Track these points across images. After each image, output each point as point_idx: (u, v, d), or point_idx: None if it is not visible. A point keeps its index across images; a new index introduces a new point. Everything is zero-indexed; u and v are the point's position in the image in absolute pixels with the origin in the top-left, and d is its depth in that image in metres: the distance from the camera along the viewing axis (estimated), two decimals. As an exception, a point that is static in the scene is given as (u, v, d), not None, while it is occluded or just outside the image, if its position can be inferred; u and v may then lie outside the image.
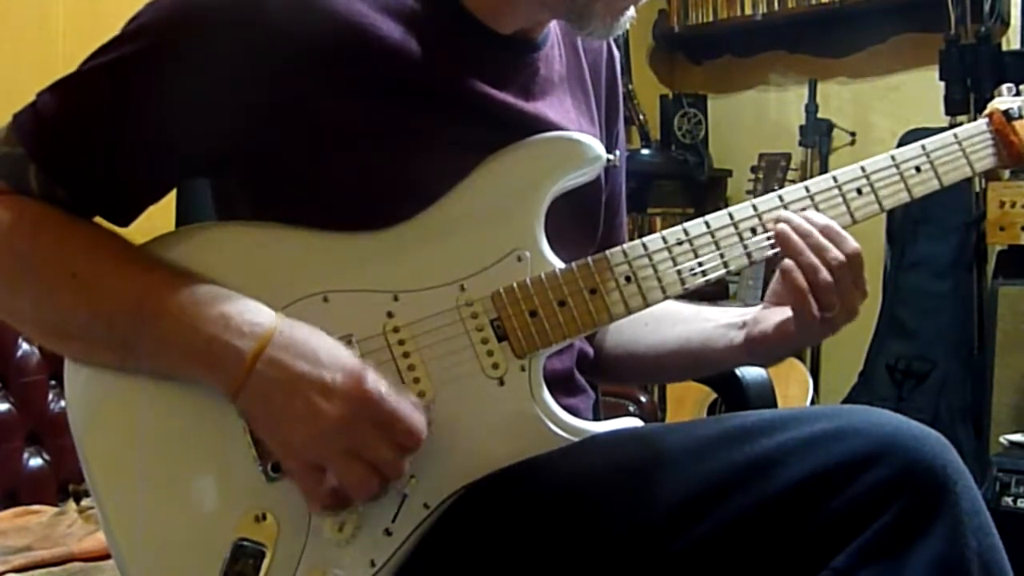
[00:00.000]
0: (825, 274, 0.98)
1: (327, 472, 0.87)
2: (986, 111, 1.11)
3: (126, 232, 0.96)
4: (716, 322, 1.12)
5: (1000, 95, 1.12)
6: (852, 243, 1.00)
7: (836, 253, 0.98)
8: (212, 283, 0.90)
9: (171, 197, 1.10)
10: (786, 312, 1.03)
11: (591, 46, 1.15)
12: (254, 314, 0.88)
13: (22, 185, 0.92)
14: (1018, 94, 1.12)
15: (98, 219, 0.95)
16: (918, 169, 1.05)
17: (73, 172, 0.92)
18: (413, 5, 0.97)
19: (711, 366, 1.16)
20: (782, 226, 1.00)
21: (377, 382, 0.86)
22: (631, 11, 1.00)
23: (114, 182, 0.93)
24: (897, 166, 1.05)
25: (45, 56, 2.20)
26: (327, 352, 0.87)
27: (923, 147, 1.06)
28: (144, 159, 0.93)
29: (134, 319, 0.89)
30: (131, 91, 0.91)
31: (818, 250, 0.98)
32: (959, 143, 1.07)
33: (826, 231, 0.99)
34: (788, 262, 1.00)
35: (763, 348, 1.07)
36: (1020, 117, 1.09)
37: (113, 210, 0.95)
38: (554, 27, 1.09)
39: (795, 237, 0.99)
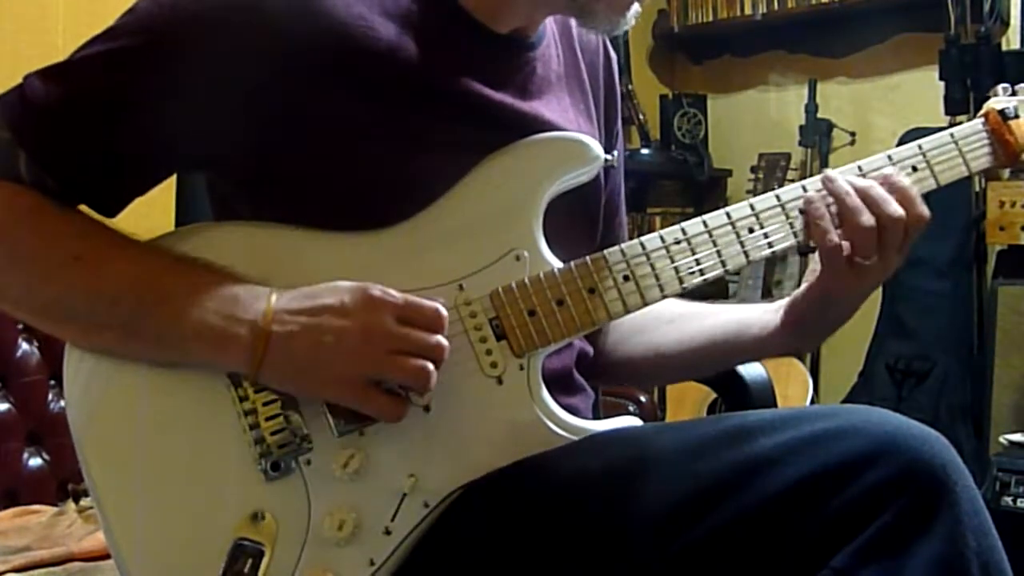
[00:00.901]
0: (867, 217, 0.98)
1: (382, 384, 0.89)
2: (982, 111, 1.11)
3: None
4: (749, 311, 1.13)
5: (996, 95, 1.12)
6: (923, 209, 1.00)
7: (896, 208, 0.98)
8: (211, 265, 0.91)
9: (171, 196, 1.10)
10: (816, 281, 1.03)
11: (588, 46, 1.15)
12: (253, 289, 0.90)
13: (11, 171, 0.92)
14: (1014, 94, 1.12)
15: (84, 208, 0.95)
16: (914, 168, 1.05)
17: (62, 162, 0.92)
18: (410, 5, 0.97)
19: (745, 353, 1.16)
20: (828, 171, 1.01)
21: (380, 287, 0.89)
22: (636, 7, 1.00)
23: (102, 174, 0.94)
24: (893, 165, 1.05)
25: (45, 54, 2.19)
26: (324, 288, 0.90)
27: (919, 147, 1.06)
28: (134, 153, 0.94)
29: (142, 298, 0.90)
30: (125, 87, 0.92)
31: (873, 201, 0.98)
32: (955, 143, 1.07)
33: (902, 192, 0.99)
34: (811, 194, 1.00)
35: (801, 321, 1.07)
36: (1016, 117, 1.08)
37: (101, 201, 0.95)
38: (550, 25, 1.09)
39: (842, 184, 0.99)
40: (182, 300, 0.89)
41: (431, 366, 0.88)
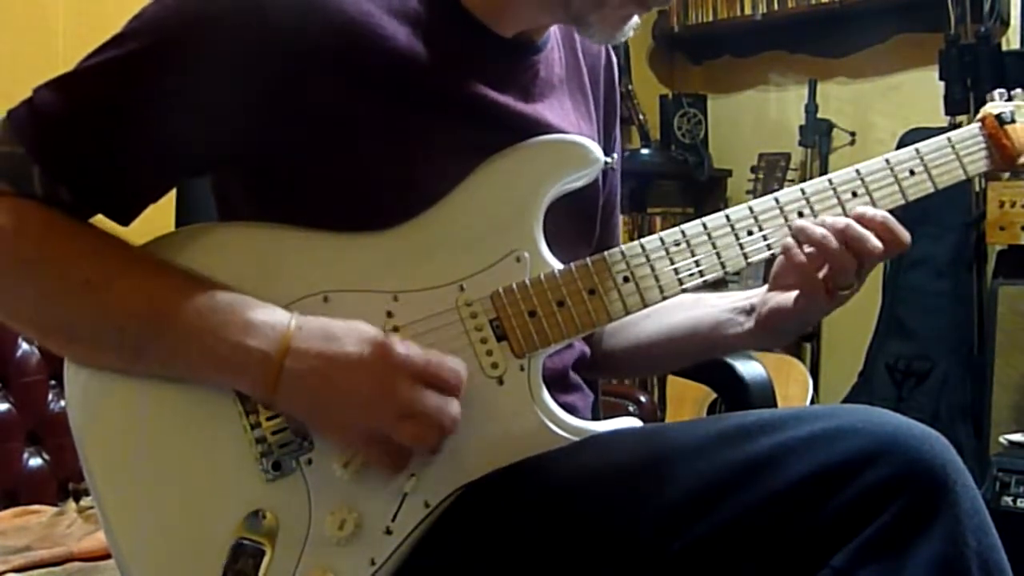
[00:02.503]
0: (850, 258, 0.99)
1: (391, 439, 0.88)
2: (979, 115, 1.12)
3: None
4: (722, 307, 1.13)
5: (992, 100, 1.13)
6: (904, 236, 1.01)
7: (875, 243, 0.99)
8: (223, 287, 0.91)
9: (171, 197, 1.10)
10: (795, 292, 1.04)
11: (590, 50, 1.15)
12: (270, 314, 0.89)
13: (24, 186, 0.91)
14: (1010, 99, 1.13)
15: (99, 218, 0.95)
16: (912, 172, 1.06)
17: (77, 173, 0.92)
18: (416, 6, 0.97)
19: (720, 350, 1.17)
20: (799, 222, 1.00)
21: (402, 343, 0.88)
22: (634, 19, 1.00)
23: (117, 182, 0.93)
24: (891, 169, 1.05)
25: (45, 56, 2.20)
26: (345, 331, 0.89)
27: (917, 150, 1.07)
28: (147, 159, 0.93)
29: (148, 325, 0.89)
30: (134, 90, 0.91)
31: (852, 239, 0.98)
32: (952, 147, 1.08)
33: (882, 225, 1.00)
34: (788, 241, 1.00)
35: (774, 330, 1.08)
36: (1012, 121, 1.10)
37: (116, 209, 0.95)
38: (554, 30, 1.09)
39: (817, 230, 0.99)
40: (191, 326, 0.88)
41: (435, 435, 0.88)
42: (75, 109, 0.91)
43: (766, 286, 1.10)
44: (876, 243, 0.99)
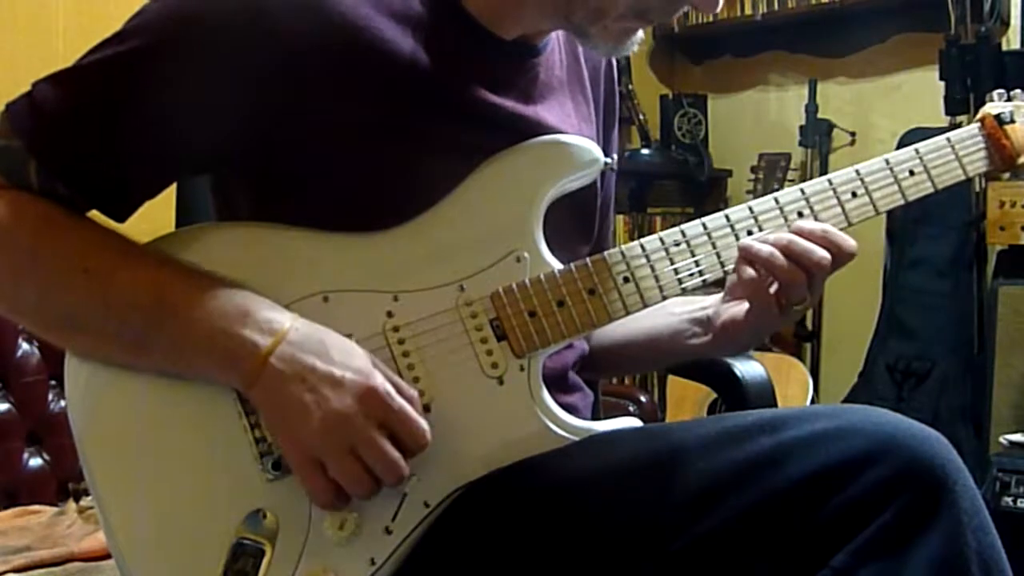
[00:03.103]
0: (798, 272, 0.97)
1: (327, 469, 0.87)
2: (978, 116, 1.12)
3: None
4: (680, 316, 1.13)
5: (992, 100, 1.13)
6: (850, 244, 0.99)
7: (823, 254, 0.98)
8: (226, 280, 0.91)
9: (171, 197, 1.10)
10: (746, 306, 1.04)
11: (591, 52, 1.15)
12: (271, 311, 0.89)
13: (21, 180, 0.92)
14: (1009, 99, 1.13)
15: (95, 214, 0.95)
16: (911, 172, 1.06)
17: (74, 168, 0.92)
18: (417, 9, 0.97)
19: (681, 357, 1.17)
20: (746, 242, 0.99)
21: (386, 383, 0.87)
22: (639, 33, 1.00)
23: (114, 178, 0.93)
24: (891, 169, 1.05)
25: (45, 56, 2.20)
26: (339, 350, 0.88)
27: (916, 151, 1.07)
28: (145, 156, 0.93)
29: (151, 313, 0.89)
30: (133, 87, 0.91)
31: (798, 255, 0.97)
32: (952, 147, 1.08)
33: (824, 238, 0.99)
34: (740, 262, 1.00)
35: (729, 341, 1.08)
36: (1012, 121, 1.10)
37: (112, 206, 0.95)
38: (556, 32, 1.09)
39: (763, 248, 0.98)
40: (192, 316, 0.88)
41: (370, 484, 0.87)
42: (74, 104, 0.91)
43: (720, 295, 1.09)
44: (822, 254, 0.97)
